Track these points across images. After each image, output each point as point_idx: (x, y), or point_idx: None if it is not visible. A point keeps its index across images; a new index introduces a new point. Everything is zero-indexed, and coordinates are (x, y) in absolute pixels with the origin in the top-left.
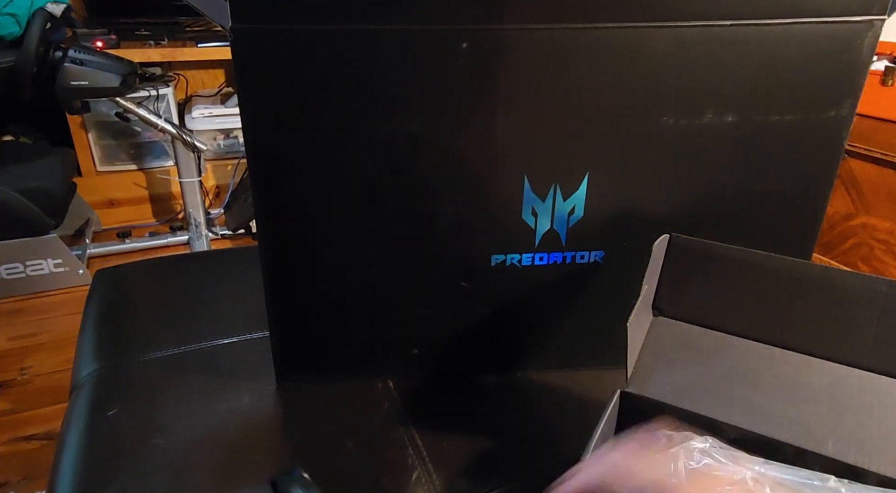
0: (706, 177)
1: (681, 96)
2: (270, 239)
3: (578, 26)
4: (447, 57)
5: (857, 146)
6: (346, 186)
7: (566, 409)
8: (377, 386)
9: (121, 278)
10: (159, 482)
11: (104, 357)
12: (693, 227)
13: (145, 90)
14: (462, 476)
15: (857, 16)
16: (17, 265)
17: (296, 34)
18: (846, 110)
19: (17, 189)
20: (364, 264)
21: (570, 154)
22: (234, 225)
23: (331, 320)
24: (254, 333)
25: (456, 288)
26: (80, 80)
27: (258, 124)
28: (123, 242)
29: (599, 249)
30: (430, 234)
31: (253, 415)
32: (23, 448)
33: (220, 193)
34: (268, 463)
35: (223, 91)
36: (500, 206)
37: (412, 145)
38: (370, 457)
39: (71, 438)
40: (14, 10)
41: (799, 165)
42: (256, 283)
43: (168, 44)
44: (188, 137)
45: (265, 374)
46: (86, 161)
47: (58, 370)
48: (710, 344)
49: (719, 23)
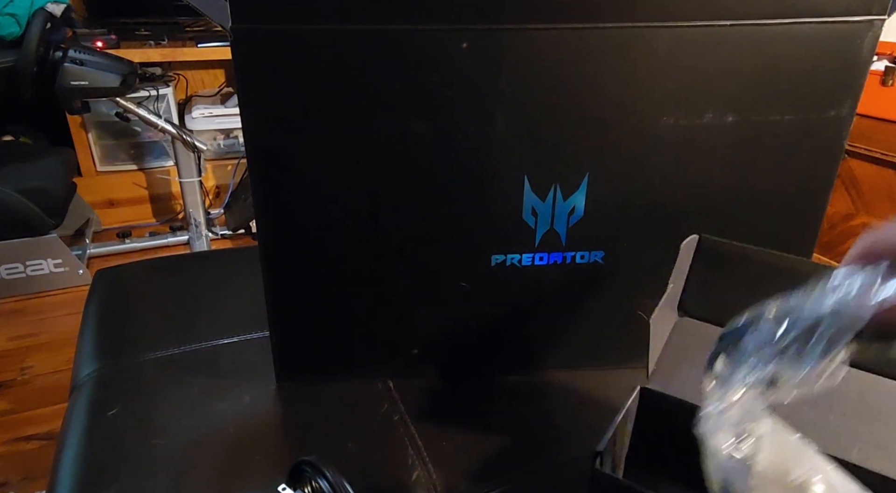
0: (706, 177)
1: (681, 96)
2: (270, 239)
3: (578, 26)
4: (447, 57)
5: (857, 146)
6: (345, 186)
7: (566, 409)
8: (377, 386)
9: (121, 278)
10: (159, 482)
11: (104, 357)
12: (693, 226)
13: (145, 90)
14: (462, 476)
15: (857, 16)
16: (17, 265)
17: (296, 34)
18: (846, 110)
19: (17, 189)
20: (364, 263)
21: (570, 154)
22: (234, 225)
23: (331, 320)
24: (254, 333)
25: (456, 288)
26: (80, 80)
27: (258, 124)
28: (123, 243)
29: (599, 249)
30: (430, 234)
31: (253, 415)
32: (23, 448)
33: (220, 193)
34: (268, 463)
35: (223, 91)
36: (500, 206)
37: (412, 145)
38: (370, 457)
39: (71, 438)
40: (14, 10)
41: (799, 165)
42: (256, 283)
43: (168, 44)
44: (188, 137)
45: (265, 374)
46: (86, 161)
47: (58, 370)
48: None
49: (719, 23)
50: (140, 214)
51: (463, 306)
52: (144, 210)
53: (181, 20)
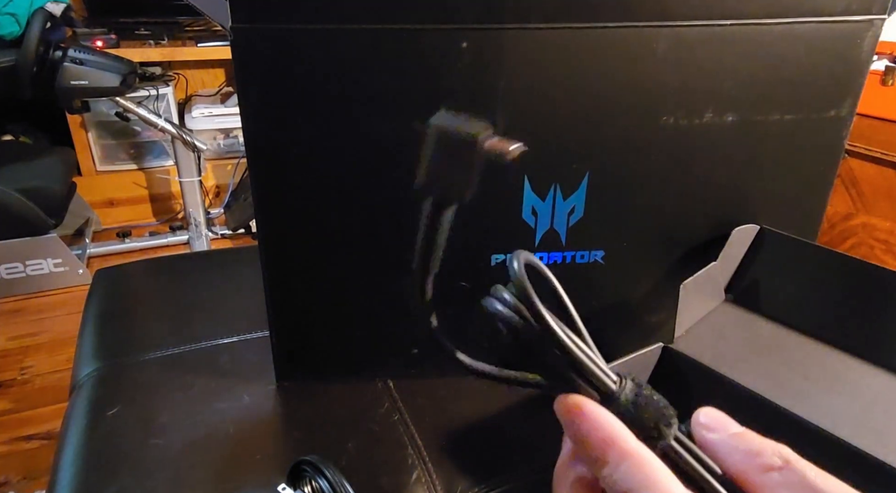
0: (706, 177)
1: (681, 96)
2: (270, 239)
3: (578, 26)
4: (447, 57)
5: (857, 146)
6: (345, 185)
7: None
8: (377, 386)
9: (121, 277)
10: (159, 482)
11: (104, 357)
12: (693, 226)
13: (145, 90)
14: (462, 476)
15: (857, 16)
16: (17, 265)
17: (296, 34)
18: (846, 110)
19: (17, 189)
20: (364, 263)
21: (570, 154)
22: (234, 225)
23: (331, 320)
24: (254, 333)
25: (456, 288)
26: (80, 79)
27: (258, 124)
28: (123, 242)
29: (599, 249)
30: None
31: (253, 415)
32: (23, 448)
33: (220, 193)
34: (268, 463)
35: (223, 91)
36: (500, 206)
37: (412, 145)
38: (370, 457)
39: (71, 438)
40: (14, 10)
41: (799, 165)
42: (256, 283)
43: (168, 43)
44: (188, 136)
45: (265, 374)
46: (86, 161)
47: (58, 370)
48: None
49: (719, 23)
50: (140, 213)
51: (463, 306)
52: (144, 210)
53: (181, 20)
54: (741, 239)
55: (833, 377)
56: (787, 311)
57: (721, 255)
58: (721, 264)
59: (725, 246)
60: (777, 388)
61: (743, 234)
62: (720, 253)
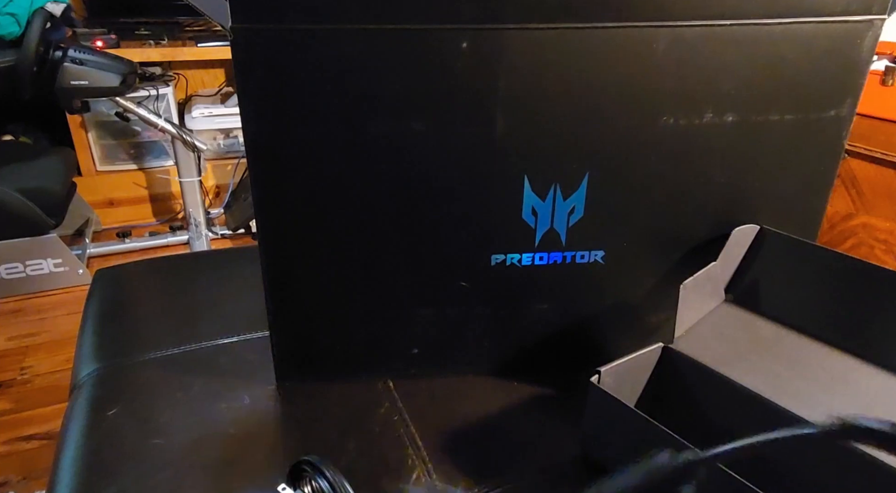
0: (706, 177)
1: (681, 96)
2: (270, 239)
3: (578, 26)
4: (447, 57)
5: (857, 146)
6: (346, 185)
7: (567, 409)
8: (377, 386)
9: (121, 278)
10: (159, 482)
11: (104, 357)
12: (693, 226)
13: (145, 90)
14: (462, 476)
15: (857, 16)
16: (17, 265)
17: (296, 34)
18: (846, 110)
19: (17, 189)
20: (364, 263)
21: (570, 154)
22: (234, 225)
23: (331, 320)
24: (254, 333)
25: (456, 288)
26: (80, 79)
27: (258, 124)
28: (123, 242)
29: (599, 249)
30: (430, 233)
31: (253, 415)
32: (23, 448)
33: (220, 193)
34: (268, 463)
35: (223, 91)
36: (500, 206)
37: (412, 145)
38: (370, 457)
39: (71, 438)
40: (14, 10)
41: (799, 165)
42: (256, 283)
43: (168, 43)
44: (188, 136)
45: (265, 374)
46: (86, 161)
47: (58, 370)
48: (774, 336)
49: (719, 23)
50: (140, 213)
51: (463, 306)
52: (144, 210)
53: (181, 20)
54: (741, 239)
55: (833, 377)
56: (787, 311)
57: (721, 255)
58: (721, 264)
59: (725, 246)
60: (777, 388)
61: (743, 234)
62: (720, 253)
